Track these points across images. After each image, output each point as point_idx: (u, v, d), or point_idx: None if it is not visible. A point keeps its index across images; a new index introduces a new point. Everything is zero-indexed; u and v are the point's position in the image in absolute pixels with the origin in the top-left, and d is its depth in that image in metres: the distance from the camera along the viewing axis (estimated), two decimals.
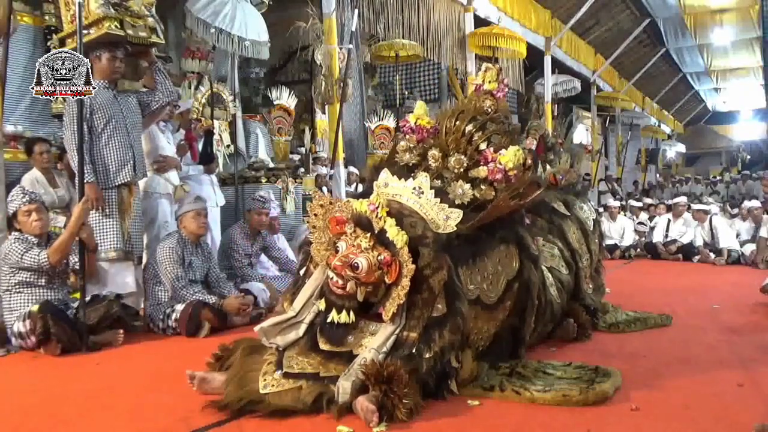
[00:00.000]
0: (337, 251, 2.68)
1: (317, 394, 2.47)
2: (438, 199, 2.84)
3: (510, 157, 2.91)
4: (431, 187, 2.88)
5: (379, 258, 2.60)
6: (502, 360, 2.98)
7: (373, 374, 2.40)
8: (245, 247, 5.24)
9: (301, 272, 3.02)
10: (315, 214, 2.87)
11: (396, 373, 2.40)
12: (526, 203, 3.00)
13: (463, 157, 3.00)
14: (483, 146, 3.02)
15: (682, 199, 9.62)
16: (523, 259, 3.05)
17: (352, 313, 2.64)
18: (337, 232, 2.74)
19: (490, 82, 3.26)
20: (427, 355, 2.55)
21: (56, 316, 3.63)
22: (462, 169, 2.99)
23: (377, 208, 2.66)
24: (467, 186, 2.91)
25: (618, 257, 8.98)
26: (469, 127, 3.06)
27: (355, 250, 2.62)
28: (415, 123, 3.15)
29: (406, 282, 2.58)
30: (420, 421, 2.40)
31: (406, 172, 3.06)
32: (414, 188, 2.88)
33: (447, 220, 2.78)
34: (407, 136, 3.18)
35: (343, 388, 2.44)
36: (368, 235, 2.65)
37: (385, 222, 2.65)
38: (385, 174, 3.01)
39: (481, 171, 2.95)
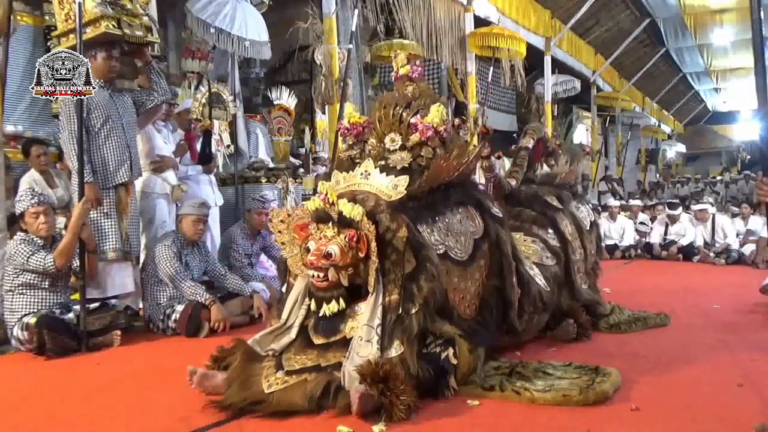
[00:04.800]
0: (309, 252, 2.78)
1: (325, 384, 2.50)
2: (384, 174, 3.00)
3: (434, 114, 3.11)
4: (375, 167, 3.05)
5: (346, 239, 2.69)
6: (494, 329, 3.07)
7: (369, 374, 2.42)
8: (245, 247, 5.24)
9: (284, 289, 3.11)
10: (279, 231, 3.00)
11: (392, 372, 2.43)
12: (470, 162, 3.14)
13: (395, 135, 3.16)
14: (413, 120, 3.16)
15: (679, 210, 9.44)
16: (486, 219, 3.18)
17: (341, 300, 2.73)
18: (304, 237, 2.84)
19: (402, 66, 3.40)
20: (414, 311, 2.64)
21: (53, 330, 3.63)
22: (398, 145, 3.14)
23: (326, 194, 2.76)
24: (405, 152, 3.08)
25: (618, 257, 8.98)
26: (397, 109, 3.21)
27: (324, 242, 2.72)
28: (349, 122, 3.35)
29: (373, 246, 2.69)
30: (420, 421, 2.40)
31: (352, 166, 3.21)
32: (361, 173, 3.07)
33: (396, 188, 2.93)
34: (345, 138, 3.36)
35: (350, 374, 2.48)
36: (330, 224, 2.75)
37: (337, 204, 2.75)
38: (334, 175, 3.19)
39: (414, 137, 3.12)
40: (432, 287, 2.70)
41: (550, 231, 3.94)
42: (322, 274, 2.70)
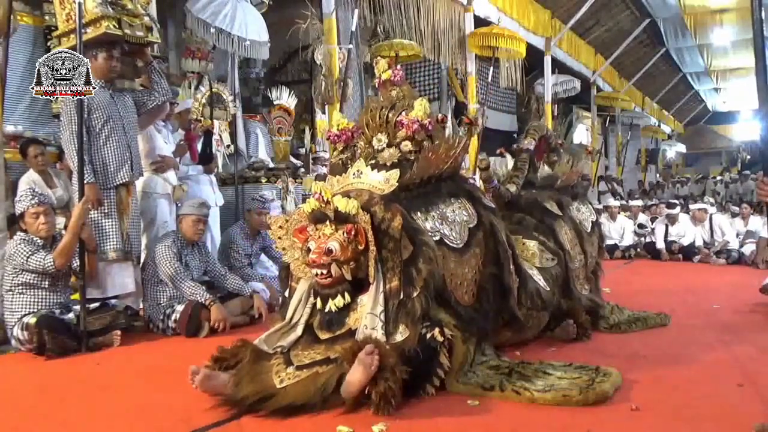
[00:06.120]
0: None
1: (338, 376, 2.50)
2: (375, 171, 3.07)
3: (417, 108, 3.21)
4: (367, 165, 3.11)
5: (344, 234, 2.74)
6: (493, 317, 3.09)
7: (349, 354, 2.46)
8: (245, 247, 5.24)
9: (286, 293, 3.14)
10: (279, 237, 3.06)
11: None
12: (458, 154, 3.19)
13: (382, 135, 3.24)
14: (398, 119, 3.23)
15: (677, 210, 9.49)
16: (478, 209, 3.23)
17: (347, 294, 2.78)
18: (303, 240, 2.88)
19: (384, 72, 3.47)
20: (415, 294, 2.70)
21: (53, 330, 3.62)
22: (386, 143, 3.22)
23: (320, 193, 2.80)
24: (393, 149, 3.16)
25: (618, 257, 8.98)
26: (383, 112, 3.29)
27: (323, 240, 2.77)
28: (338, 129, 3.42)
29: (370, 236, 2.74)
30: (420, 420, 2.40)
31: (344, 169, 3.27)
32: (353, 173, 3.15)
33: (388, 182, 3.00)
34: (336, 144, 3.42)
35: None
36: (327, 222, 2.80)
37: (332, 201, 2.79)
38: (328, 180, 3.26)
39: (401, 134, 3.19)
40: (430, 269, 2.75)
41: (550, 239, 3.94)
42: (325, 271, 2.74)
